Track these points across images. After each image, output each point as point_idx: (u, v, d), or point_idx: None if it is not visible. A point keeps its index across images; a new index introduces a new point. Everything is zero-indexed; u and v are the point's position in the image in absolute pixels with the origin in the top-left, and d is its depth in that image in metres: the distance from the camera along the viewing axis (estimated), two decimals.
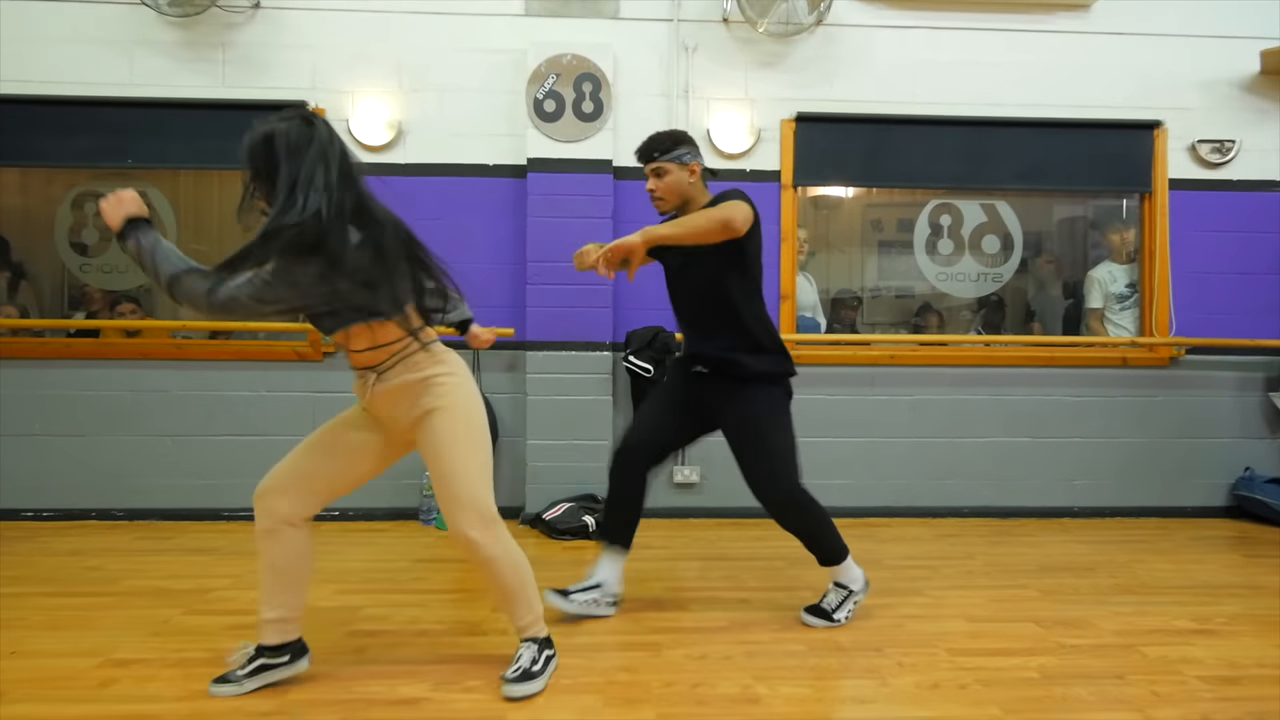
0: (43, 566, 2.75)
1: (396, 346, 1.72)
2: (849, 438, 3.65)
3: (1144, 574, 2.79)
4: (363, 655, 1.99)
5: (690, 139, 2.24)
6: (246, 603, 2.37)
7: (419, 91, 3.57)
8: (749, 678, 1.86)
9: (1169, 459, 3.71)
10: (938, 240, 4.00)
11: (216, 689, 1.75)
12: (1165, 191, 3.73)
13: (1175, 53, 3.72)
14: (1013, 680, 1.86)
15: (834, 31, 3.63)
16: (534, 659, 1.78)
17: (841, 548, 2.24)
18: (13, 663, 1.91)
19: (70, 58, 3.48)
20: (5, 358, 3.49)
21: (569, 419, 3.48)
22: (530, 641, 1.81)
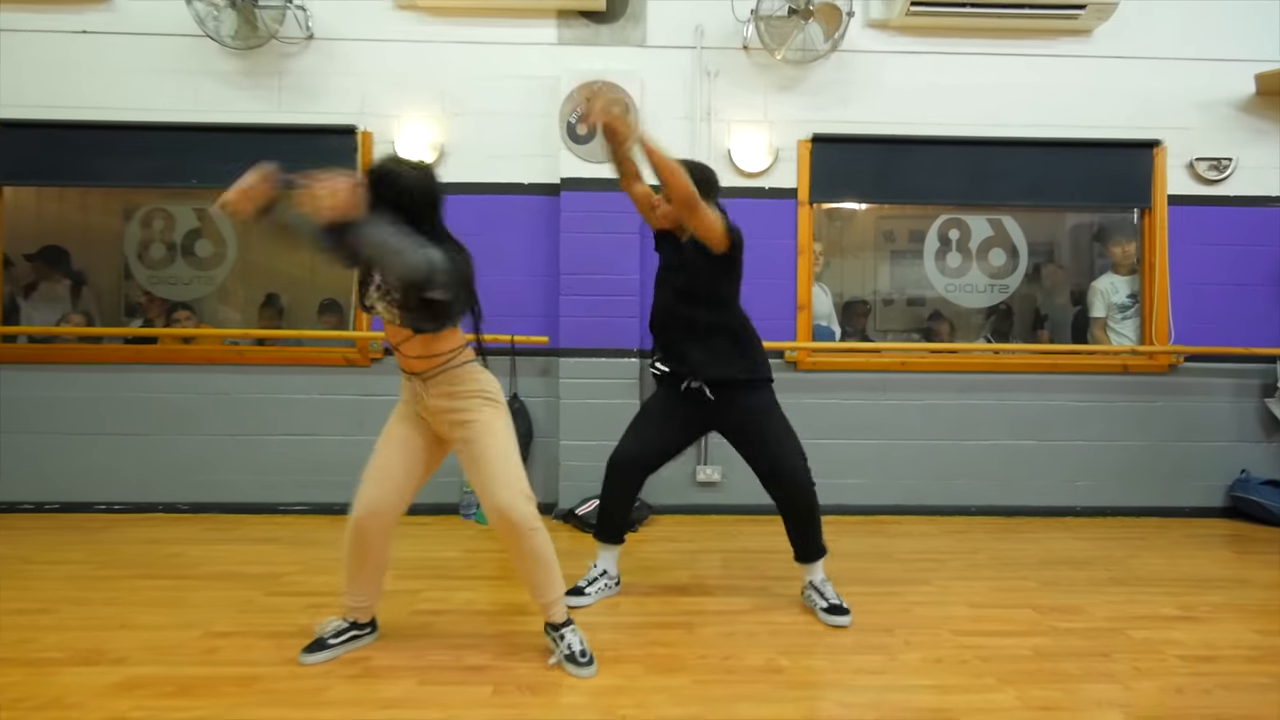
0: (126, 553, 3.03)
1: (445, 358, 1.98)
2: (862, 440, 3.87)
3: (1137, 568, 2.99)
4: (428, 630, 2.25)
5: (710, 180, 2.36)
6: (317, 585, 2.64)
7: (460, 116, 3.83)
8: (773, 652, 2.10)
9: (1168, 461, 3.91)
10: (947, 253, 4.22)
11: (307, 657, 2.00)
12: (1164, 207, 3.93)
13: (1173, 75, 3.91)
14: (1008, 656, 2.08)
15: (847, 57, 3.86)
16: (582, 642, 1.99)
17: (823, 546, 2.45)
18: (127, 633, 2.18)
19: (140, 86, 3.77)
20: (80, 362, 3.78)
21: (599, 421, 3.72)
22: (566, 626, 2.01)
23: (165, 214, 4.17)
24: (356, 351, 3.82)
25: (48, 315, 4.22)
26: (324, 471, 3.78)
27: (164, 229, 4.16)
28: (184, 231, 4.17)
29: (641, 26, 3.85)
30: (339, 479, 3.77)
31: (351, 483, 3.67)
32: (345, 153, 3.78)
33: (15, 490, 3.72)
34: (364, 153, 3.79)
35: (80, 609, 2.38)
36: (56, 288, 4.43)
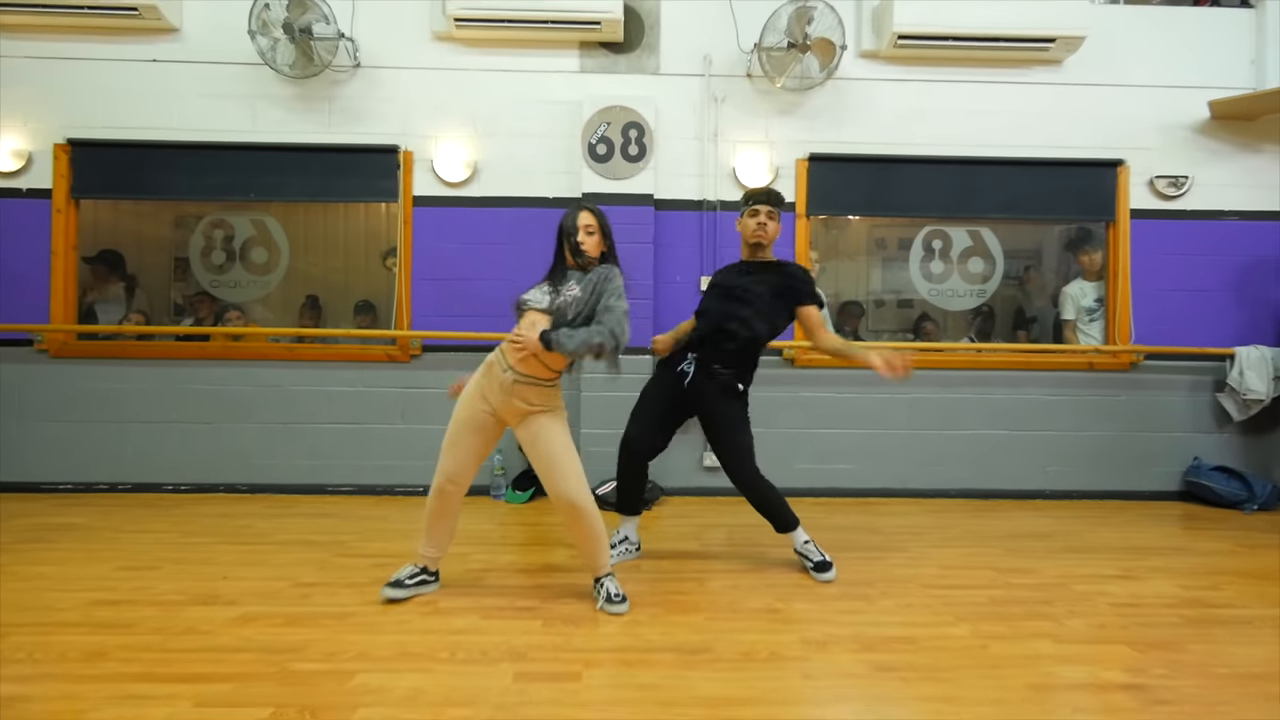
0: (204, 524, 3.46)
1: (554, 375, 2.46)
2: (853, 429, 4.29)
3: (1094, 540, 3.41)
4: (481, 581, 2.67)
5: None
6: (376, 550, 3.06)
7: (491, 136, 4.25)
8: (770, 598, 2.52)
9: (1129, 450, 4.32)
10: (930, 261, 4.64)
11: (388, 591, 2.44)
12: (1127, 220, 4.34)
13: (1136, 101, 4.33)
14: (967, 602, 2.50)
15: (841, 84, 4.28)
16: (617, 587, 2.45)
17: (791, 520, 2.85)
18: (230, 583, 2.60)
19: (204, 109, 4.19)
20: (146, 357, 4.20)
21: (617, 411, 4.10)
22: (607, 577, 2.47)
23: (225, 224, 4.58)
24: (397, 349, 4.23)
25: (107, 315, 4.64)
26: (369, 457, 4.20)
27: (224, 238, 4.58)
28: (242, 240, 4.59)
29: (656, 56, 4.27)
30: (383, 463, 4.20)
31: (394, 467, 4.15)
32: (389, 170, 4.20)
33: (91, 472, 4.14)
34: (405, 170, 4.21)
35: (182, 566, 2.80)
36: (113, 289, 4.85)
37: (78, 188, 4.19)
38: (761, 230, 2.86)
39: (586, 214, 2.53)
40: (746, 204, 2.90)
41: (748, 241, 2.93)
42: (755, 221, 2.87)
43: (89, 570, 2.74)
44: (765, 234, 2.87)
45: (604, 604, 2.40)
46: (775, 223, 2.90)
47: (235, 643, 2.09)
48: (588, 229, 2.50)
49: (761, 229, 2.86)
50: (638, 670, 1.96)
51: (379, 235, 4.91)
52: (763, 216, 2.86)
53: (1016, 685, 1.89)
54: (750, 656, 2.04)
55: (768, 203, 2.87)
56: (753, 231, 2.88)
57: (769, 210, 2.87)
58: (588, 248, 2.48)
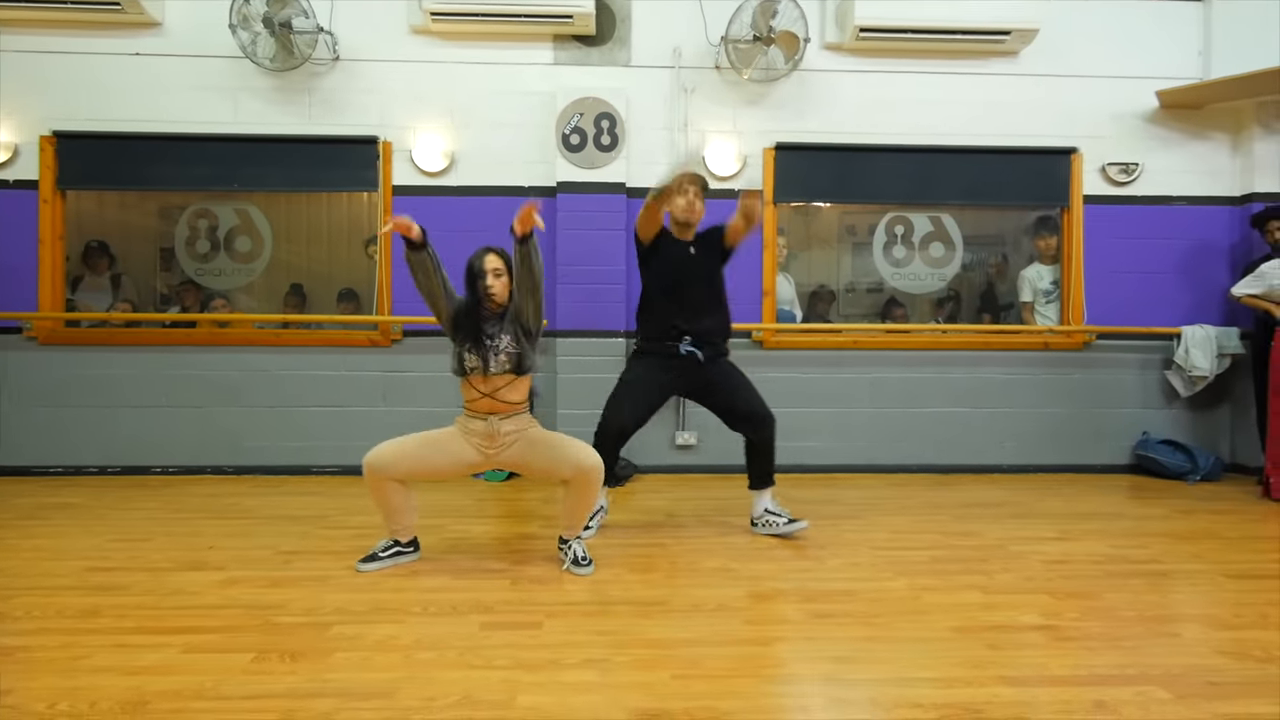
0: (192, 503, 3.60)
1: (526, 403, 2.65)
2: (819, 408, 4.46)
3: (1039, 508, 3.60)
4: (457, 548, 2.83)
5: None
6: (358, 524, 3.21)
7: (468, 127, 4.38)
8: (726, 559, 2.70)
9: (1082, 425, 4.53)
10: (893, 246, 4.82)
11: (363, 565, 2.58)
12: (1080, 206, 4.53)
13: (1089, 90, 4.51)
14: (909, 560, 2.69)
15: (806, 75, 4.43)
16: (585, 551, 2.63)
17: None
18: (215, 553, 2.76)
19: (187, 102, 4.30)
20: (135, 344, 4.33)
21: (591, 392, 4.28)
22: (576, 540, 2.65)
23: (209, 214, 4.70)
24: (379, 334, 4.37)
25: (93, 304, 4.75)
26: (353, 438, 4.33)
27: (208, 227, 4.69)
28: (226, 229, 4.70)
29: (627, 49, 4.41)
30: (366, 444, 4.28)
31: None
32: (368, 160, 4.33)
33: (82, 455, 4.27)
34: (384, 160, 4.34)
35: (171, 538, 2.95)
36: (100, 279, 4.96)
37: (64, 179, 4.30)
38: (691, 209, 3.01)
39: (493, 256, 2.61)
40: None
41: (677, 220, 3.05)
42: (685, 200, 3.00)
43: (84, 542, 2.88)
44: (694, 211, 3.02)
45: (570, 565, 2.57)
46: (702, 203, 3.05)
47: (221, 601, 2.25)
48: (495, 272, 2.58)
49: (691, 207, 3.00)
50: (595, 619, 2.13)
51: (360, 224, 5.03)
52: (692, 195, 3.00)
53: (940, 627, 2.07)
54: (699, 607, 2.22)
55: (694, 182, 3.02)
56: (682, 209, 3.01)
57: (697, 190, 3.02)
58: (496, 291, 2.58)
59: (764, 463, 3.08)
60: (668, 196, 2.94)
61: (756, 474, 3.10)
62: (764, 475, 3.09)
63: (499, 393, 2.56)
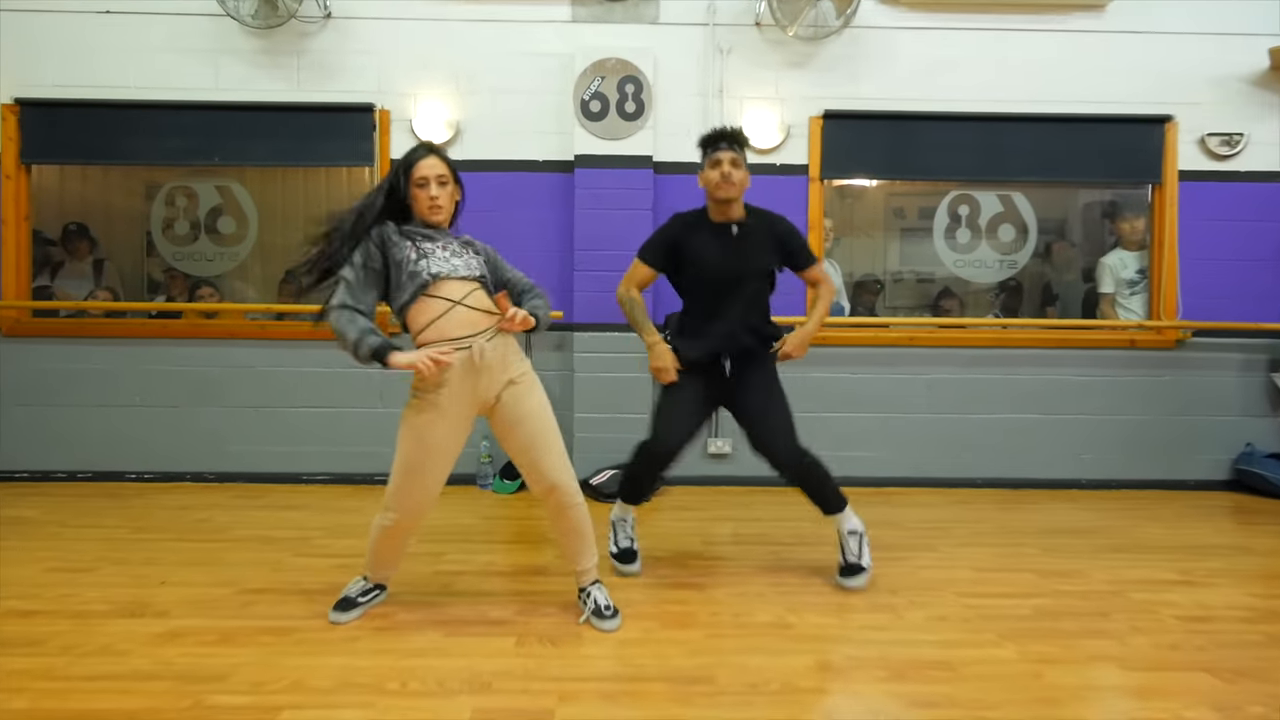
0: (160, 518, 3.16)
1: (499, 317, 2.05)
2: (869, 413, 3.94)
3: (1139, 536, 3.06)
4: (450, 589, 2.35)
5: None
6: (341, 548, 2.75)
7: (475, 94, 3.88)
8: (781, 609, 2.19)
9: (1173, 435, 3.96)
10: (956, 229, 4.25)
11: (338, 615, 2.08)
12: (1175, 183, 3.94)
13: (1186, 50, 3.91)
14: (1009, 615, 2.17)
15: (859, 33, 3.88)
16: (607, 598, 2.11)
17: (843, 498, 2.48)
18: (166, 590, 2.30)
19: (162, 66, 3.84)
20: (109, 336, 3.89)
21: (612, 394, 3.81)
22: (597, 585, 2.13)
23: (189, 191, 4.25)
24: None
25: (74, 293, 4.33)
26: (345, 442, 3.88)
27: (187, 206, 4.24)
28: (207, 209, 4.25)
29: (655, 3, 3.88)
30: (360, 449, 3.89)
31: (371, 454, 3.83)
32: (364, 131, 3.84)
33: (49, 459, 3.85)
34: (382, 130, 3.85)
35: (121, 568, 2.50)
36: (81, 265, 4.54)
37: (27, 152, 3.86)
38: (727, 182, 2.29)
39: (435, 160, 2.04)
40: (705, 151, 2.35)
41: (714, 197, 2.35)
42: (718, 173, 2.29)
43: (16, 573, 2.43)
44: (733, 185, 2.30)
45: (590, 617, 2.08)
46: (741, 170, 2.32)
47: (151, 667, 1.78)
48: (440, 179, 2.03)
49: (727, 179, 2.29)
50: (622, 705, 1.64)
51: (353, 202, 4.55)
52: (726, 165, 2.29)
53: None
54: (758, 689, 1.71)
55: (729, 144, 2.30)
56: (716, 184, 2.30)
57: (732, 157, 2.30)
58: (442, 204, 2.05)
59: (817, 496, 2.44)
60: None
61: (819, 505, 2.46)
62: (825, 505, 2.45)
63: (471, 297, 2.01)
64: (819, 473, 2.43)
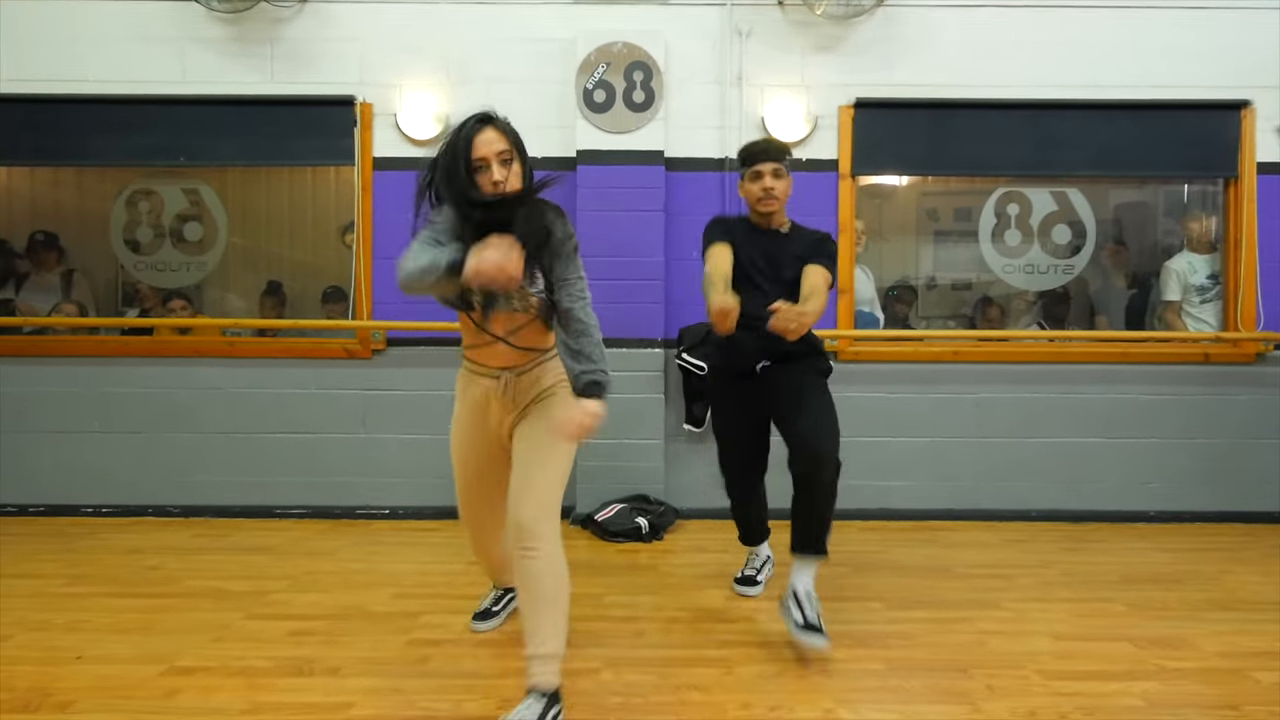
0: (105, 564, 2.78)
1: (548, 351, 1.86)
2: (910, 437, 3.51)
3: (1236, 586, 2.62)
4: (425, 667, 1.94)
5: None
6: (303, 606, 2.37)
7: (467, 84, 3.50)
8: (830, 700, 1.76)
9: (1255, 461, 3.51)
10: (1005, 230, 3.82)
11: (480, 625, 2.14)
12: (1253, 176, 3.51)
13: (1264, 26, 3.48)
14: (1117, 708, 1.73)
15: (895, 12, 3.47)
16: (544, 709, 1.59)
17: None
18: (80, 668, 1.90)
19: (123, 56, 3.49)
20: (66, 355, 3.54)
21: (620, 418, 3.37)
22: (540, 690, 1.62)
23: (152, 195, 3.89)
24: (356, 342, 3.52)
25: (39, 306, 3.98)
26: (324, 472, 3.50)
27: (151, 211, 3.88)
28: (172, 214, 3.89)
29: None
30: (340, 480, 3.51)
31: (353, 484, 3.45)
32: (344, 126, 3.47)
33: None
34: (364, 126, 3.48)
35: (36, 636, 2.11)
36: (48, 277, 4.20)
37: None
38: (770, 197, 2.28)
39: (492, 132, 1.66)
40: (745, 165, 2.34)
41: (756, 210, 2.34)
42: (760, 187, 2.28)
43: None
44: (775, 200, 2.28)
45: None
46: (784, 181, 2.30)
47: None
48: (501, 156, 1.65)
49: (770, 194, 2.27)
50: None
51: (333, 205, 4.19)
52: (768, 178, 2.27)
53: None
54: None
55: (770, 158, 2.28)
56: (759, 198, 2.29)
57: (774, 168, 2.27)
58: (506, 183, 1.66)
59: (805, 518, 2.12)
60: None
61: (796, 531, 2.14)
62: (808, 536, 2.12)
63: (517, 335, 1.77)
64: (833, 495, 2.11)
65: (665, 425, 3.46)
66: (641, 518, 3.19)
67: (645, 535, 3.15)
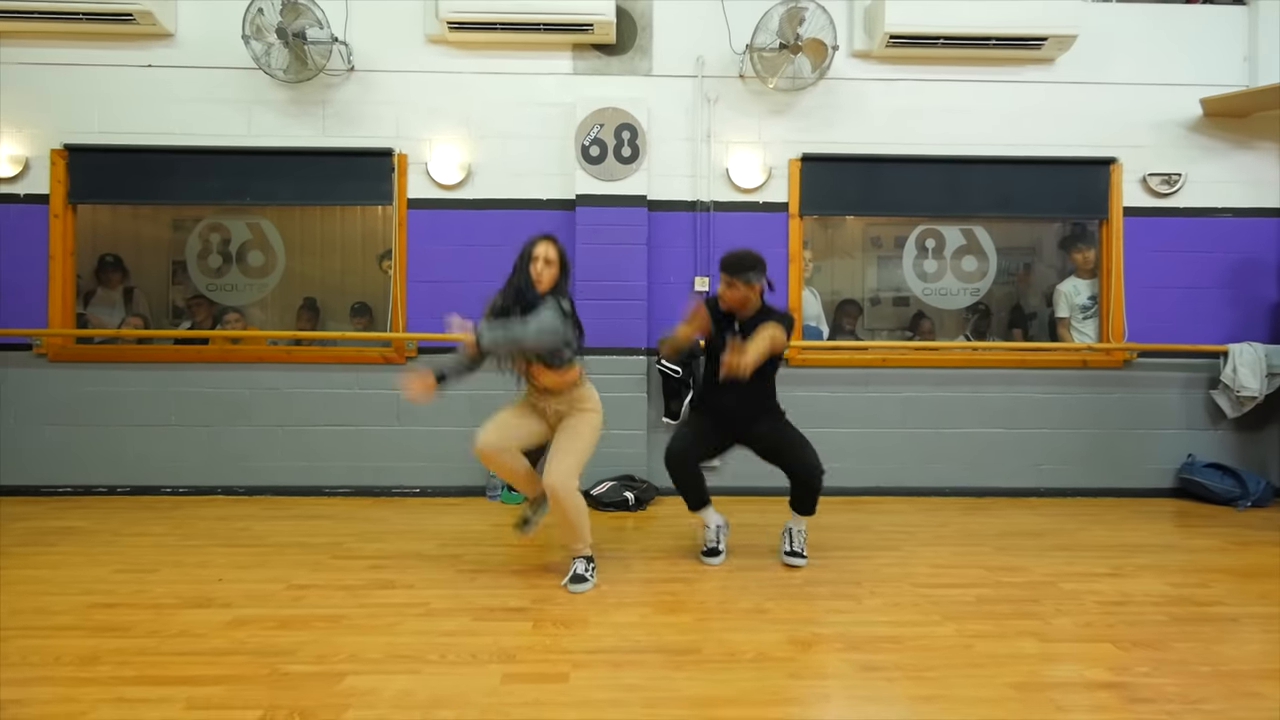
0: (201, 527, 3.48)
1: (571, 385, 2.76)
2: (847, 429, 4.30)
3: (1083, 537, 3.42)
4: (474, 582, 2.69)
5: (763, 264, 2.87)
6: (372, 551, 3.09)
7: (485, 139, 4.27)
8: (760, 598, 2.54)
9: (1122, 447, 4.33)
10: (923, 259, 4.65)
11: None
12: (1120, 218, 4.35)
13: (1128, 98, 4.33)
14: (955, 601, 2.52)
15: (833, 84, 4.28)
16: (585, 567, 2.67)
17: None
18: (224, 587, 2.63)
19: (198, 114, 4.21)
20: (142, 361, 4.23)
21: (611, 412, 4.08)
22: (580, 558, 2.69)
23: (221, 228, 4.62)
24: (393, 350, 4.26)
25: (105, 319, 4.67)
26: (365, 458, 4.22)
27: (220, 241, 4.60)
28: (239, 243, 4.61)
29: (648, 58, 4.28)
30: (378, 465, 4.23)
31: (389, 468, 4.20)
32: (383, 173, 4.22)
33: (90, 475, 4.18)
34: (400, 173, 4.23)
35: (179, 569, 2.83)
36: (112, 294, 4.88)
37: (75, 193, 4.21)
38: (740, 303, 2.86)
39: (547, 244, 2.63)
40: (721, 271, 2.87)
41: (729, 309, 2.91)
42: (732, 294, 2.84)
43: (87, 573, 2.76)
44: (746, 307, 2.88)
45: (567, 583, 2.62)
46: (748, 288, 2.82)
47: (228, 645, 2.12)
48: (546, 259, 2.61)
49: (739, 301, 2.85)
50: (625, 671, 1.98)
51: (375, 237, 4.93)
52: (741, 290, 2.81)
53: (1000, 684, 1.91)
54: (736, 657, 2.06)
55: (735, 274, 2.80)
56: (728, 305, 2.89)
57: (728, 279, 2.82)
58: (541, 278, 2.61)
59: (806, 501, 3.02)
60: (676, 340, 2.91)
61: (799, 503, 3.04)
62: (805, 506, 3.03)
63: (540, 378, 2.70)
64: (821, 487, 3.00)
65: (647, 418, 4.22)
66: (628, 492, 3.95)
67: (631, 506, 3.91)
